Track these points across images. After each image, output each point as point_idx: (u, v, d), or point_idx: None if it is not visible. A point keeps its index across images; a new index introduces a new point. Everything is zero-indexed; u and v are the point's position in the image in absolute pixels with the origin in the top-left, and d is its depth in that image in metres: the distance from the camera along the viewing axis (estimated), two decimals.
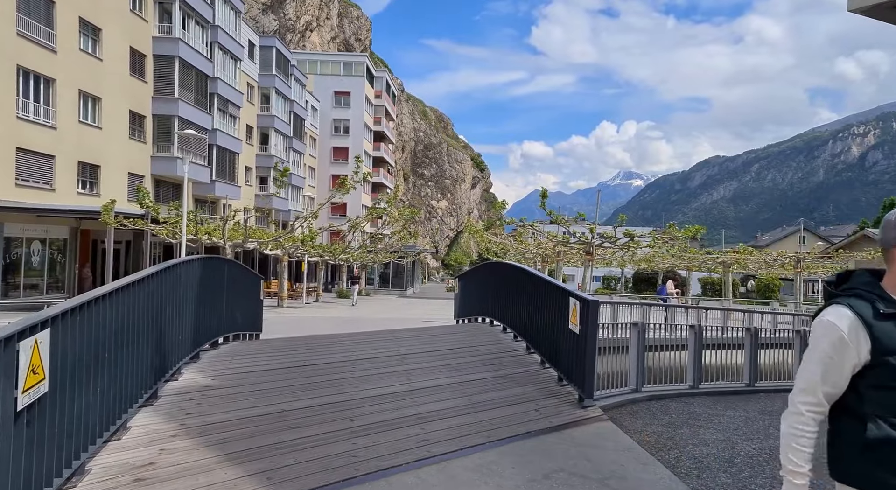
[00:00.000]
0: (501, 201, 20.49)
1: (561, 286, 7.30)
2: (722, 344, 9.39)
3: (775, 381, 9.67)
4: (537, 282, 8.14)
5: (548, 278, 7.82)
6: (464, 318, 13.76)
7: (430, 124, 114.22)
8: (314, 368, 7.46)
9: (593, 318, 6.40)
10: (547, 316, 7.75)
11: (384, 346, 9.12)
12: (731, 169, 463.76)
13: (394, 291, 50.83)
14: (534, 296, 8.30)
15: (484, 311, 11.88)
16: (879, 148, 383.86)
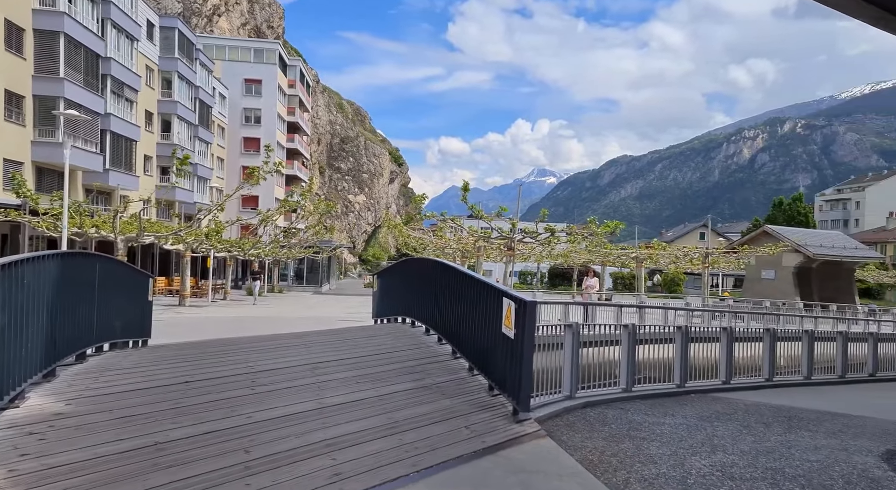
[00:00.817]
0: (421, 195, 19.72)
1: (493, 285, 6.53)
2: (654, 340, 9.02)
3: (703, 380, 9.40)
4: (466, 280, 7.34)
5: (478, 276, 7.05)
6: (383, 317, 12.81)
7: (346, 117, 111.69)
8: (204, 385, 6.30)
9: (530, 322, 5.67)
10: (476, 317, 6.97)
11: (292, 353, 8.04)
12: (637, 168, 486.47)
13: (308, 288, 48.92)
14: (462, 295, 7.51)
15: (405, 310, 11.00)
16: (767, 150, 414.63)
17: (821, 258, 30.45)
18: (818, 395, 9.68)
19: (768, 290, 30.85)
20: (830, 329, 15.83)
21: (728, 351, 9.53)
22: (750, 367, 10.42)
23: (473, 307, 7.06)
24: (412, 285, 10.35)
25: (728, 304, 24.02)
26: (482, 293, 6.77)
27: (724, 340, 9.58)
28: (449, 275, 8.06)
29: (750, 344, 10.35)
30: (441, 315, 8.57)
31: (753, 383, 9.84)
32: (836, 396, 9.79)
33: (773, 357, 10.15)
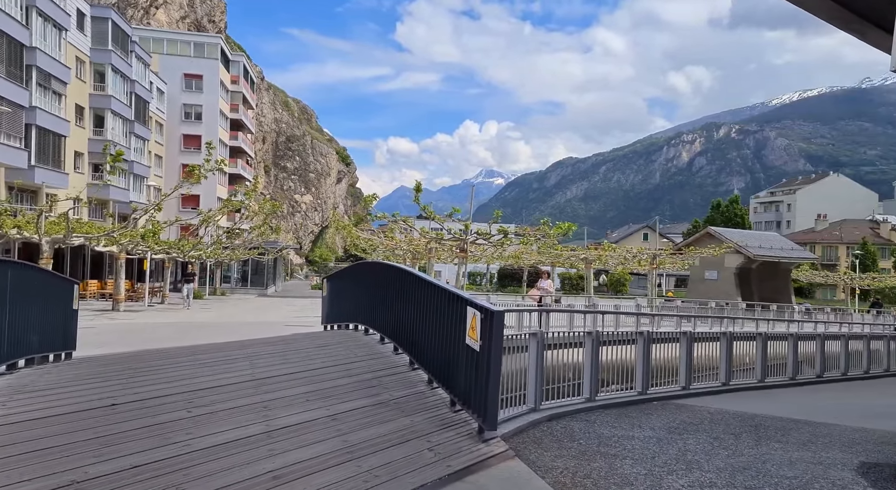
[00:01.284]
0: (372, 195, 19.13)
1: (456, 293, 6.09)
2: (613, 341, 8.78)
3: (664, 386, 9.23)
4: (426, 287, 6.88)
5: (440, 283, 6.60)
6: (334, 324, 12.21)
7: (292, 115, 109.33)
8: (133, 407, 5.62)
9: (497, 333, 5.27)
10: (437, 327, 6.53)
11: (235, 367, 7.40)
12: (582, 170, 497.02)
13: (253, 290, 47.36)
14: (421, 303, 7.04)
15: (358, 317, 10.45)
16: (704, 154, 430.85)
17: (760, 259, 31.49)
18: (774, 399, 9.67)
19: (711, 291, 31.66)
20: (785, 330, 16.15)
21: (688, 356, 9.41)
22: (706, 368, 10.38)
23: (434, 316, 6.62)
24: (366, 290, 9.81)
25: (678, 305, 24.40)
26: (444, 301, 6.34)
27: (683, 345, 9.45)
28: (407, 281, 7.58)
29: (705, 346, 10.29)
30: (398, 323, 8.08)
31: (712, 388, 9.75)
32: (792, 400, 9.82)
33: (731, 361, 10.12)
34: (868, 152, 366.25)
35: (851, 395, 10.88)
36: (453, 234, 20.19)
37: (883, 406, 9.69)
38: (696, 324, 16.55)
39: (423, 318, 7.02)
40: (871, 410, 8.91)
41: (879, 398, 10.76)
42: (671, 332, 10.34)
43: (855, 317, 29.99)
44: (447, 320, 6.24)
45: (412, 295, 7.40)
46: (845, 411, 8.48)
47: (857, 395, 10.96)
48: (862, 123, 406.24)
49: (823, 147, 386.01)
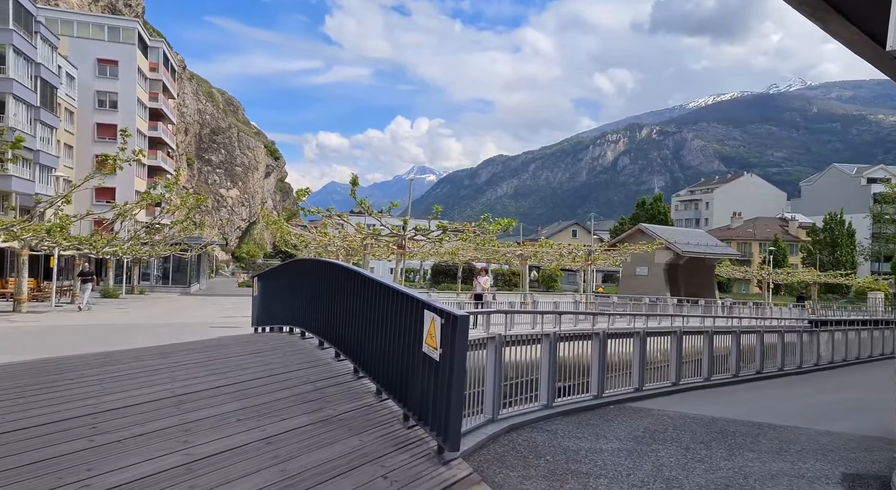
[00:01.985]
0: (304, 189, 18.13)
1: (411, 295, 5.43)
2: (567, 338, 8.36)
3: (616, 387, 8.92)
4: (374, 287, 6.18)
5: (391, 284, 5.91)
6: (265, 326, 11.27)
7: (217, 107, 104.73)
8: (21, 437, 4.63)
9: (461, 341, 4.65)
10: (387, 332, 5.85)
11: (151, 380, 6.44)
12: (512, 167, 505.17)
13: (175, 288, 44.80)
14: (368, 305, 6.32)
15: (293, 319, 9.59)
16: (627, 154, 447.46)
17: (688, 255, 32.49)
18: (727, 399, 9.56)
19: (642, 286, 32.39)
20: (726, 325, 16.37)
21: (641, 356, 9.14)
22: (651, 364, 10.18)
23: (384, 319, 5.93)
24: (304, 290, 8.97)
25: (614, 302, 24.63)
26: (396, 303, 5.66)
27: (637, 344, 9.17)
28: (352, 280, 6.84)
29: (654, 343, 10.09)
30: (341, 327, 7.33)
31: (663, 388, 9.56)
32: (744, 400, 9.73)
33: (680, 359, 9.96)
34: (775, 154, 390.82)
35: (795, 392, 10.98)
36: (391, 230, 19.45)
37: (830, 404, 9.77)
38: (647, 321, 16.57)
39: (370, 321, 6.32)
40: (821, 409, 8.91)
41: (820, 395, 10.92)
42: (621, 329, 10.10)
43: (775, 311, 31.34)
44: (399, 325, 5.58)
45: (358, 296, 6.67)
46: (799, 411, 8.42)
47: (799, 392, 11.08)
48: (769, 127, 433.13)
49: (735, 149, 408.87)
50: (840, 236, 69.95)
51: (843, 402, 9.98)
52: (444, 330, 4.78)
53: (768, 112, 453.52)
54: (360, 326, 6.63)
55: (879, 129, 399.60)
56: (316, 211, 18.26)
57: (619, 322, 17.02)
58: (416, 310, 5.23)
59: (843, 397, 10.46)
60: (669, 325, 11.55)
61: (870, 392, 10.81)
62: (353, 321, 6.85)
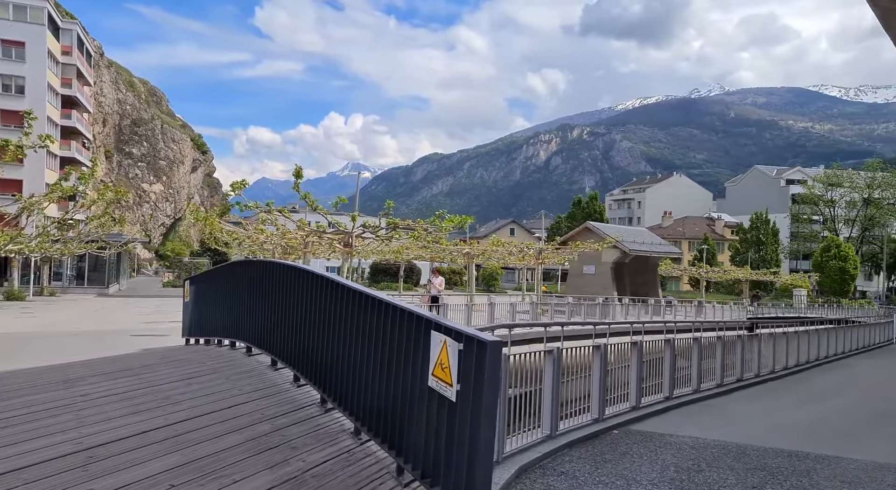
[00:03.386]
0: (241, 181, 16.35)
1: (410, 311, 4.13)
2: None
3: (612, 405, 7.91)
4: (352, 298, 4.83)
5: (376, 295, 4.58)
6: (200, 337, 9.63)
7: (139, 97, 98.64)
8: None
9: (493, 376, 3.41)
10: (370, 354, 4.54)
11: (49, 424, 4.84)
12: (447, 165, 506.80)
13: (92, 289, 41.24)
14: (343, 319, 4.97)
15: (236, 331, 8.05)
16: (559, 154, 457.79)
17: (634, 253, 32.47)
18: (728, 415, 8.75)
19: (589, 285, 32.10)
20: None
21: (639, 369, 8.17)
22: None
23: (367, 339, 4.61)
24: (251, 297, 7.45)
25: (569, 302, 23.93)
26: (385, 319, 4.36)
27: (634, 357, 8.19)
28: (321, 289, 5.45)
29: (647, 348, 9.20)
30: (302, 343, 5.92)
31: (657, 403, 8.64)
32: (747, 416, 8.91)
33: (675, 370, 9.10)
34: (696, 156, 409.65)
35: (786, 402, 10.33)
36: (336, 227, 17.94)
37: (836, 417, 9.14)
38: (644, 329, 15.82)
39: (345, 339, 4.98)
40: (838, 426, 8.23)
41: (815, 405, 10.32)
42: (619, 337, 9.12)
43: (717, 310, 31.72)
44: (389, 346, 4.29)
45: (327, 307, 5.30)
46: (816, 429, 7.69)
47: (789, 401, 10.44)
48: (691, 130, 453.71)
49: (660, 150, 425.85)
50: (765, 235, 73.07)
51: (846, 413, 9.41)
52: (464, 360, 3.53)
53: (690, 115, 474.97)
54: (330, 345, 5.27)
55: (790, 133, 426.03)
56: (254, 206, 16.52)
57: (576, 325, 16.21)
58: (416, 329, 3.96)
59: (838, 407, 9.92)
60: (662, 328, 10.74)
61: (858, 399, 10.36)
62: (319, 337, 5.48)
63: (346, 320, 4.94)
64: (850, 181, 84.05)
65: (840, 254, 60.80)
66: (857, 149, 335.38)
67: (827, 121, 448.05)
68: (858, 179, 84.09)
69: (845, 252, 61.39)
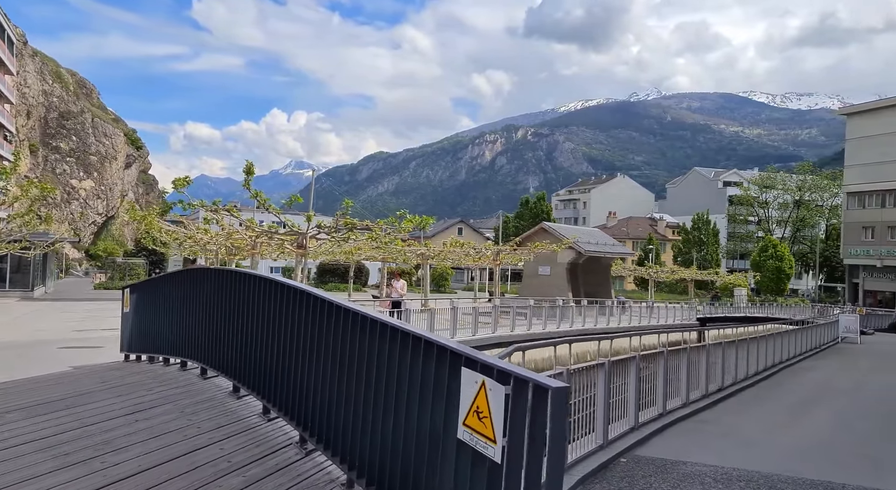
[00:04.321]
0: (185, 177, 14.99)
1: (434, 341, 3.27)
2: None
3: (614, 423, 7.26)
4: (352, 322, 3.92)
5: (373, 315, 3.70)
6: (143, 354, 8.44)
7: (67, 89, 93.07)
8: None
9: (558, 432, 2.62)
10: (370, 389, 3.67)
11: None
12: (393, 164, 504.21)
13: (14, 292, 38.11)
14: (333, 346, 4.06)
15: (188, 348, 6.96)
16: (504, 154, 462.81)
17: (589, 254, 32.44)
18: (738, 433, 8.20)
19: (544, 286, 31.82)
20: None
21: (637, 382, 7.56)
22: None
23: (367, 371, 3.73)
24: (207, 310, 6.39)
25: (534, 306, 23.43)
26: (396, 348, 3.49)
27: (632, 368, 7.57)
28: (302, 306, 4.51)
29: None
30: (272, 366, 4.96)
31: (654, 421, 8.04)
32: (758, 434, 8.34)
33: (667, 381, 8.55)
34: (635, 158, 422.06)
35: (784, 415, 9.92)
36: (289, 227, 16.78)
37: (843, 432, 8.79)
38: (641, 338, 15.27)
39: (334, 369, 4.08)
40: (856, 450, 7.80)
41: (806, 413, 9.99)
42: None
43: (669, 309, 32.02)
44: (398, 382, 3.44)
45: (310, 329, 4.38)
46: (843, 456, 7.22)
47: (789, 414, 10.05)
48: (630, 133, 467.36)
49: (601, 152, 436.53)
50: (706, 235, 75.30)
51: (847, 429, 9.09)
52: (513, 408, 2.73)
53: (629, 118, 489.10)
54: (312, 372, 4.36)
55: (722, 137, 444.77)
56: (199, 204, 15.19)
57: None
58: (439, 364, 3.14)
59: (832, 419, 9.61)
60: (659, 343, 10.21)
61: (844, 408, 10.12)
62: (297, 362, 4.55)
63: (335, 346, 4.05)
64: (782, 184, 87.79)
65: (776, 253, 63.19)
66: (784, 153, 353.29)
67: (756, 126, 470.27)
68: (790, 182, 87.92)
69: (781, 252, 63.85)
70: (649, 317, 29.18)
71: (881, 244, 60.06)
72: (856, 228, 62.22)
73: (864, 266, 62.14)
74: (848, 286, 65.26)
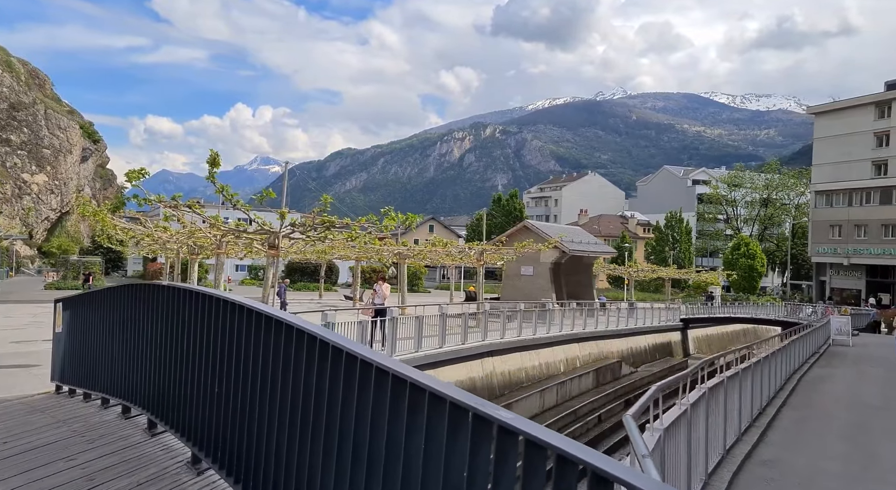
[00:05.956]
0: (140, 169, 13.19)
1: (535, 438, 1.71)
2: None
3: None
4: (371, 387, 2.32)
5: (429, 384, 2.12)
6: (78, 388, 6.66)
7: (18, 79, 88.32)
8: None
9: None
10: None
11: None
12: (361, 161, 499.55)
13: None
14: (339, 414, 2.47)
15: (131, 390, 5.23)
16: (473, 151, 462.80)
17: (573, 253, 31.28)
18: (814, 483, 6.82)
19: (527, 287, 30.56)
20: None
21: (706, 420, 6.11)
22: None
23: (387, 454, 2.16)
24: (157, 342, 4.69)
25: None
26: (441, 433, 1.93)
27: (735, 397, 6.11)
28: (295, 347, 2.87)
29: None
30: (253, 434, 3.33)
31: (721, 468, 6.64)
32: (833, 482, 7.02)
33: (741, 408, 7.16)
34: (602, 156, 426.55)
35: (846, 447, 8.61)
36: (260, 225, 15.00)
37: None
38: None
39: (335, 442, 2.49)
40: None
41: (877, 444, 8.70)
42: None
43: (651, 310, 31.02)
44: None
45: (308, 386, 2.77)
46: None
47: (852, 446, 8.74)
48: (597, 131, 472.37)
49: (569, 150, 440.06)
50: (679, 234, 75.36)
51: None
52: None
53: (595, 117, 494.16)
54: (303, 445, 2.76)
55: (685, 136, 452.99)
56: (157, 199, 13.33)
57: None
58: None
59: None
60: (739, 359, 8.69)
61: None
62: (283, 431, 2.94)
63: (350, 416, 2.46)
64: (750, 182, 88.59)
65: (749, 252, 63.35)
66: (743, 152, 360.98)
67: (717, 126, 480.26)
68: (758, 180, 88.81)
69: (753, 250, 64.05)
70: (635, 319, 28.19)
71: (848, 242, 60.65)
72: (823, 227, 62.73)
73: (830, 264, 62.73)
74: (815, 284, 65.89)
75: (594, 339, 24.30)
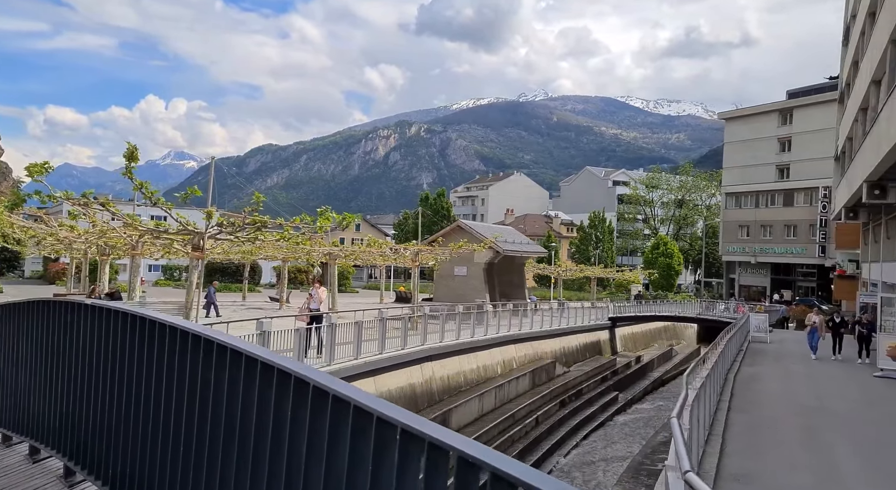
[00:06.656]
0: (43, 163, 11.72)
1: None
2: None
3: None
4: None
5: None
6: None
7: None
8: None
9: None
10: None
11: None
12: (283, 157, 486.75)
13: None
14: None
15: (36, 426, 4.31)
16: (398, 150, 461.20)
17: (506, 253, 31.27)
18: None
19: (461, 287, 30.29)
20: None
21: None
22: None
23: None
24: (72, 371, 3.82)
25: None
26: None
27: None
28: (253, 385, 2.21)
29: None
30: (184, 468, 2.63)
31: None
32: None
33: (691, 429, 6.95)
34: (525, 157, 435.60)
35: (814, 457, 8.58)
36: (183, 225, 13.78)
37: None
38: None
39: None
40: None
41: (826, 448, 8.70)
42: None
43: (581, 309, 31.51)
44: None
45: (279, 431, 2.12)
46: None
47: (815, 455, 8.75)
48: (520, 132, 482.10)
49: (493, 150, 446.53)
50: (602, 233, 77.62)
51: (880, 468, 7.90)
52: None
53: (518, 118, 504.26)
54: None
55: (603, 139, 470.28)
56: (64, 196, 11.91)
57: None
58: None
59: (857, 459, 8.37)
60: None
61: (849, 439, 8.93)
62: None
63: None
64: (667, 183, 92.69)
65: (667, 251, 66.05)
66: (656, 155, 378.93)
67: (632, 129, 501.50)
68: (673, 182, 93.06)
69: (671, 249, 66.84)
70: (567, 318, 28.49)
71: (755, 242, 64.32)
72: (733, 227, 66.24)
73: (739, 262, 66.40)
74: (725, 281, 69.64)
75: (529, 340, 24.32)
